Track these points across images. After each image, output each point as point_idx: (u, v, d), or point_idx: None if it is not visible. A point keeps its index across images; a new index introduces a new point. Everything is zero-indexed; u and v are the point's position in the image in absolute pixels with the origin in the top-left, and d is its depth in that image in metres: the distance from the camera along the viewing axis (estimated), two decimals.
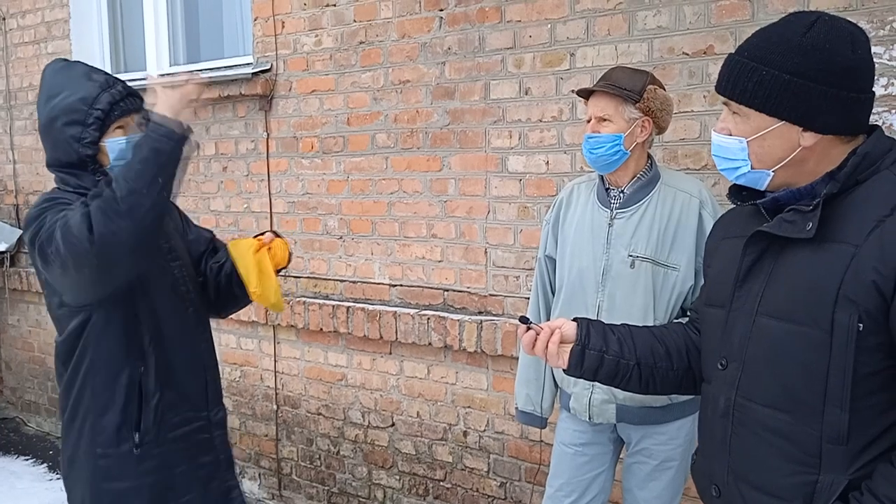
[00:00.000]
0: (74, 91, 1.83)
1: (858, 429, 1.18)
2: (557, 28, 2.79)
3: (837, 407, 1.18)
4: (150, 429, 1.91)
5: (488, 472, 3.14)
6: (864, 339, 1.16)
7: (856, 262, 1.16)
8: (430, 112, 3.16)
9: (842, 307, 1.16)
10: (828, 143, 1.25)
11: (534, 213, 2.92)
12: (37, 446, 4.83)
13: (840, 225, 1.20)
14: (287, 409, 3.80)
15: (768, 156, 1.28)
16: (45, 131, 1.88)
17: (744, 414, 1.30)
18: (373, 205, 3.39)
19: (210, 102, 3.85)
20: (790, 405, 1.23)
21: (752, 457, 1.29)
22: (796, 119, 1.24)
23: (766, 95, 1.24)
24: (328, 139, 3.49)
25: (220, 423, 2.12)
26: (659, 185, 2.14)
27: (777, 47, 1.24)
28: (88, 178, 1.85)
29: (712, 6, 2.47)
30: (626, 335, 1.53)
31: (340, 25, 3.38)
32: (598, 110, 2.10)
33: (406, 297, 3.32)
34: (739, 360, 1.31)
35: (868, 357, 1.16)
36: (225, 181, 3.91)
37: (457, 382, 3.19)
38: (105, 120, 1.84)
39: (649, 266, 2.07)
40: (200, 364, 2.07)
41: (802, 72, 1.21)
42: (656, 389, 1.55)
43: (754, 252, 1.31)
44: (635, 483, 2.21)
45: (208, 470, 2.06)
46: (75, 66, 1.92)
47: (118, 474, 1.90)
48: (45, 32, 4.67)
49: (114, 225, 1.67)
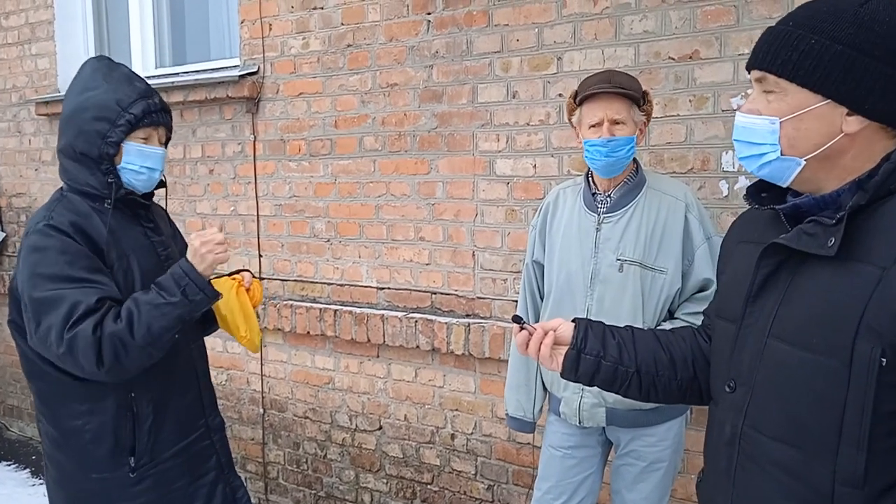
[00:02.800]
0: (113, 90, 1.86)
1: (876, 471, 1.05)
2: (545, 32, 2.80)
3: (854, 446, 1.05)
4: (145, 452, 1.88)
5: (476, 475, 3.14)
6: (888, 374, 1.02)
7: (882, 286, 1.02)
8: (418, 115, 3.16)
9: (864, 337, 1.03)
10: (872, 135, 1.10)
11: (521, 216, 2.93)
12: (19, 451, 4.77)
13: (867, 243, 1.06)
14: (274, 412, 3.79)
15: (804, 140, 1.12)
16: (70, 119, 1.88)
17: (750, 445, 1.18)
18: (360, 208, 3.38)
19: (196, 105, 3.83)
20: (800, 440, 1.11)
21: (757, 493, 1.18)
22: (844, 97, 1.08)
23: (812, 67, 1.08)
24: (315, 142, 3.49)
25: (218, 427, 2.12)
26: (645, 189, 2.15)
27: (829, 16, 1.10)
28: (99, 178, 1.87)
29: (698, 11, 2.50)
30: (628, 340, 1.43)
31: (328, 28, 3.38)
32: (614, 112, 2.06)
33: (394, 300, 3.32)
34: (748, 385, 1.19)
35: (891, 394, 1.03)
36: (211, 184, 3.89)
37: (444, 385, 3.19)
38: (134, 125, 1.86)
39: (637, 270, 2.09)
40: (193, 373, 2.05)
41: (857, 44, 1.06)
42: (658, 398, 1.44)
43: (770, 265, 1.17)
44: (624, 485, 2.22)
45: (213, 475, 2.05)
46: (118, 68, 1.96)
47: (115, 495, 1.88)
48: (30, 34, 4.63)
49: (126, 362, 1.75)
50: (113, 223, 1.86)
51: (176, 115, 3.95)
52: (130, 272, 1.87)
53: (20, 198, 4.82)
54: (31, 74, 4.66)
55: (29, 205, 4.76)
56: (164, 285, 1.80)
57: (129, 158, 1.88)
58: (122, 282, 1.85)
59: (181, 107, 3.87)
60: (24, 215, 4.81)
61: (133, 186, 1.93)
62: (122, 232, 1.89)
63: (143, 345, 1.74)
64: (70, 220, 1.80)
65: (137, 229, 1.96)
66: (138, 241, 1.94)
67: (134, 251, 1.90)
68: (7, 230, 4.92)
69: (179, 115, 3.92)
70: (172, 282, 1.79)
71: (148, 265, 1.92)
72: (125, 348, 1.72)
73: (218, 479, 2.07)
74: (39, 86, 4.61)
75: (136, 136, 1.88)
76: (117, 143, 1.85)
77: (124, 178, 1.90)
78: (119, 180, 1.88)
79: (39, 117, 4.57)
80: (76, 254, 1.77)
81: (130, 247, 1.90)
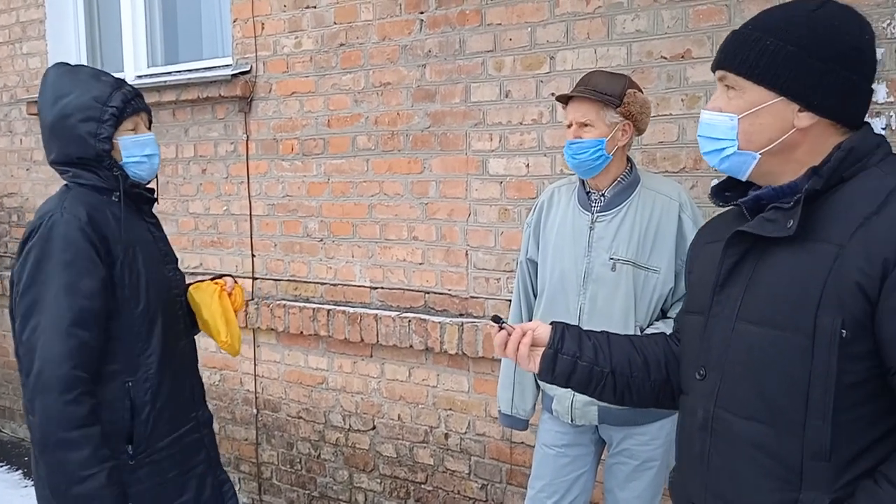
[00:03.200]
0: (86, 91, 1.89)
1: (842, 443, 1.09)
2: (537, 31, 2.80)
3: (819, 419, 1.09)
4: (142, 440, 1.90)
5: (469, 474, 3.15)
6: (849, 345, 1.07)
7: (840, 262, 1.08)
8: (411, 114, 3.16)
9: (825, 311, 1.08)
10: (822, 130, 1.18)
11: (514, 215, 2.93)
12: (11, 453, 4.75)
13: (824, 224, 1.13)
14: (267, 412, 3.78)
15: (759, 134, 1.20)
16: (55, 129, 1.91)
17: (723, 427, 1.22)
18: (353, 207, 3.38)
19: (189, 104, 3.82)
20: (770, 417, 1.15)
21: (731, 473, 1.21)
22: (795, 94, 1.16)
23: (766, 65, 1.17)
24: (308, 141, 3.48)
25: (207, 421, 2.14)
26: (639, 188, 2.16)
27: (784, 21, 1.19)
28: (105, 174, 1.91)
29: (690, 11, 2.50)
30: (603, 342, 1.46)
31: (321, 27, 3.37)
32: (580, 115, 2.11)
33: (387, 300, 3.32)
34: (718, 370, 1.24)
35: (853, 365, 1.08)
36: (204, 183, 3.88)
37: (438, 385, 3.19)
38: (119, 117, 1.91)
39: (630, 269, 2.09)
40: (185, 367, 2.08)
41: (807, 45, 1.15)
42: (632, 401, 1.47)
43: (735, 254, 1.23)
44: (616, 483, 2.23)
45: (202, 468, 2.08)
46: (81, 69, 1.99)
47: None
48: (20, 33, 4.60)
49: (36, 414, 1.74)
50: (120, 215, 1.91)
51: (168, 115, 3.95)
52: (136, 264, 1.90)
53: (11, 198, 4.80)
54: (23, 74, 4.63)
55: (20, 204, 4.74)
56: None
57: (127, 152, 1.95)
58: (127, 275, 1.87)
59: (173, 106, 3.86)
60: (16, 215, 4.78)
61: (139, 177, 1.99)
62: (129, 224, 1.92)
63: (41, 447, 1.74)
64: (86, 210, 1.83)
65: (142, 223, 2.02)
66: (143, 234, 1.99)
67: (139, 244, 1.94)
68: None
69: (171, 115, 3.91)
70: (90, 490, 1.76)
71: (151, 259, 1.97)
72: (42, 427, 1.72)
73: (207, 472, 2.09)
74: (30, 85, 4.58)
75: (124, 128, 1.93)
76: (109, 139, 1.90)
77: (130, 171, 1.96)
78: (124, 172, 1.94)
79: (31, 116, 4.54)
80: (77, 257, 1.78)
81: (136, 239, 1.94)
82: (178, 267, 2.14)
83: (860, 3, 2.23)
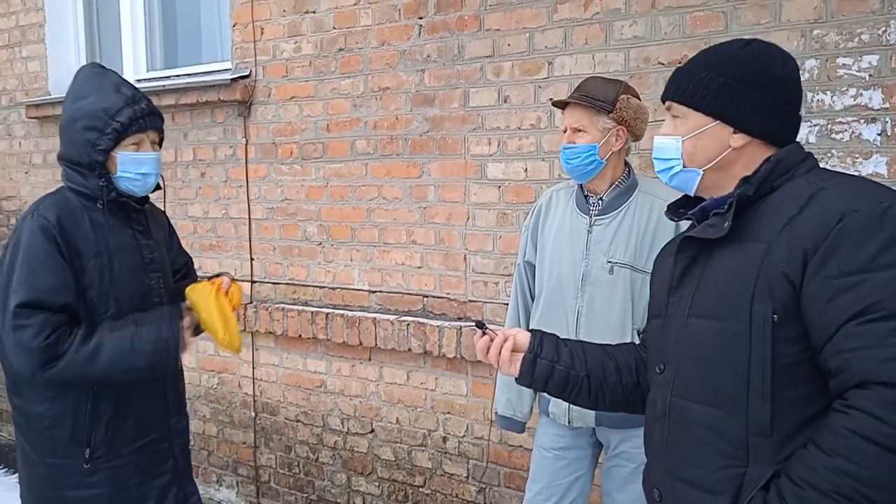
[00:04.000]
0: (100, 99, 1.92)
1: (781, 420, 1.22)
2: (536, 37, 2.82)
3: (759, 399, 1.22)
4: (101, 444, 1.93)
5: (468, 477, 3.15)
6: (781, 329, 1.21)
7: (769, 256, 1.23)
8: (410, 119, 3.17)
9: (758, 300, 1.22)
10: (755, 148, 1.34)
11: (513, 219, 2.94)
12: (9, 456, 4.74)
13: (756, 226, 1.28)
14: (265, 416, 3.78)
15: (700, 154, 1.37)
16: (66, 128, 1.96)
17: (679, 413, 1.35)
18: (352, 211, 3.39)
19: (188, 108, 3.83)
20: (719, 400, 1.28)
21: (686, 454, 1.33)
22: (729, 118, 1.34)
23: (703, 95, 1.35)
24: (307, 145, 3.49)
25: (181, 431, 2.14)
26: (637, 192, 2.17)
27: (716, 58, 1.38)
28: (93, 182, 1.94)
29: (687, 17, 2.52)
30: (578, 348, 1.57)
31: (320, 32, 3.39)
32: (573, 121, 2.15)
33: (385, 304, 3.32)
34: (674, 362, 1.37)
35: (786, 348, 1.21)
36: (203, 187, 3.89)
37: (436, 388, 3.20)
38: (122, 133, 1.92)
39: (628, 272, 2.10)
40: (162, 375, 2.07)
41: (737, 77, 1.33)
42: (605, 404, 1.57)
43: (686, 259, 1.39)
44: (614, 486, 2.23)
45: (167, 478, 2.08)
46: (108, 75, 2.00)
47: (69, 483, 1.93)
48: (20, 36, 4.62)
49: (67, 381, 1.86)
50: (102, 221, 1.94)
51: (167, 119, 3.94)
52: (108, 269, 1.93)
53: (10, 201, 4.80)
54: (22, 77, 4.64)
55: (19, 208, 4.74)
56: (142, 336, 1.89)
57: (123, 167, 1.95)
58: (97, 278, 1.91)
59: (172, 110, 3.87)
60: (14, 218, 4.78)
61: (132, 192, 2.00)
62: (110, 231, 1.95)
63: (91, 378, 1.86)
64: (56, 213, 1.87)
65: (126, 231, 2.02)
66: (125, 241, 2.00)
67: (118, 250, 1.96)
68: None
69: (171, 119, 3.92)
70: (152, 338, 1.89)
71: (129, 266, 1.99)
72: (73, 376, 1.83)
73: (172, 483, 2.09)
74: (30, 88, 4.59)
75: (126, 143, 1.94)
76: (106, 151, 1.91)
77: (122, 186, 1.97)
78: (111, 184, 1.95)
79: (30, 120, 4.56)
80: (45, 261, 1.84)
81: (115, 246, 1.95)
82: (168, 273, 2.15)
83: (856, 12, 2.25)
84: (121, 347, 1.85)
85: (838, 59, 2.30)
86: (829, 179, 1.27)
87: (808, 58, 2.33)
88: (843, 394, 1.14)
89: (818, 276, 1.17)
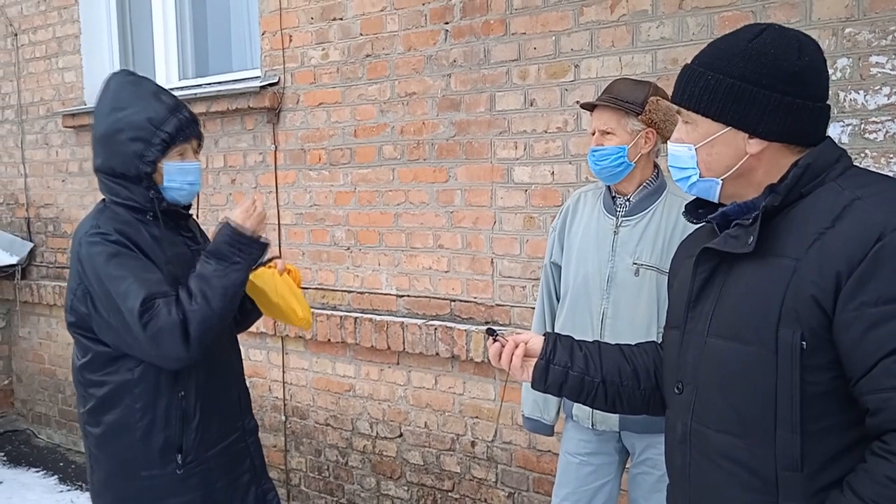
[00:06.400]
0: (143, 109, 1.89)
1: (812, 453, 1.12)
2: (562, 40, 2.81)
3: (788, 430, 1.12)
4: (192, 449, 1.92)
5: (496, 482, 3.14)
6: (810, 357, 1.10)
7: (796, 276, 1.11)
8: (437, 124, 3.18)
9: (785, 324, 1.12)
10: (776, 152, 1.22)
11: (539, 223, 2.93)
12: (47, 458, 4.85)
13: (783, 239, 1.16)
14: (295, 419, 3.82)
15: (716, 163, 1.25)
16: (105, 140, 1.92)
17: (700, 440, 1.26)
18: (380, 216, 3.41)
19: (219, 115, 3.89)
20: (742, 430, 1.18)
21: (710, 486, 1.24)
22: (740, 124, 1.21)
23: (710, 100, 1.22)
24: (335, 151, 3.52)
25: (252, 430, 2.16)
26: (665, 193, 2.15)
27: (723, 53, 1.23)
28: (140, 192, 1.91)
29: (715, 17, 2.49)
30: (594, 352, 1.50)
31: (347, 39, 3.42)
32: (601, 124, 2.13)
33: (413, 308, 3.33)
34: (693, 384, 1.28)
35: (816, 376, 1.11)
36: (234, 193, 3.94)
37: (464, 393, 3.20)
38: (169, 143, 1.90)
39: (654, 274, 2.08)
40: (232, 375, 2.11)
41: (746, 76, 1.19)
42: (623, 408, 1.51)
43: (705, 271, 1.28)
44: (641, 494, 2.20)
45: (247, 477, 2.09)
46: (144, 83, 1.99)
47: (165, 493, 1.91)
48: (57, 48, 4.73)
49: (212, 332, 1.84)
50: (157, 233, 1.92)
51: None
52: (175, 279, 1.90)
53: (48, 208, 4.92)
54: (59, 87, 4.76)
55: (56, 215, 4.86)
56: (220, 252, 1.87)
57: (170, 177, 1.93)
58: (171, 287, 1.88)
59: (204, 117, 3.92)
60: (52, 226, 4.90)
61: (177, 201, 1.98)
62: (165, 242, 1.93)
63: (221, 313, 1.84)
64: (116, 227, 1.86)
65: (179, 239, 2.02)
66: (181, 249, 2.00)
67: (177, 259, 1.95)
68: (35, 240, 5.01)
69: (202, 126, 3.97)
70: (227, 247, 1.87)
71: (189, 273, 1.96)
72: (208, 321, 1.81)
73: (251, 482, 2.10)
74: (66, 98, 4.70)
75: (172, 153, 1.92)
76: (154, 162, 1.89)
77: (168, 196, 1.95)
78: (160, 195, 1.93)
79: (66, 129, 4.66)
80: (127, 255, 1.83)
81: (174, 255, 1.95)
82: None
83: (889, 10, 2.20)
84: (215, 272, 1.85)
85: (871, 57, 2.25)
86: (865, 186, 1.14)
87: (840, 56, 2.29)
88: (881, 435, 1.06)
89: (853, 302, 1.06)
